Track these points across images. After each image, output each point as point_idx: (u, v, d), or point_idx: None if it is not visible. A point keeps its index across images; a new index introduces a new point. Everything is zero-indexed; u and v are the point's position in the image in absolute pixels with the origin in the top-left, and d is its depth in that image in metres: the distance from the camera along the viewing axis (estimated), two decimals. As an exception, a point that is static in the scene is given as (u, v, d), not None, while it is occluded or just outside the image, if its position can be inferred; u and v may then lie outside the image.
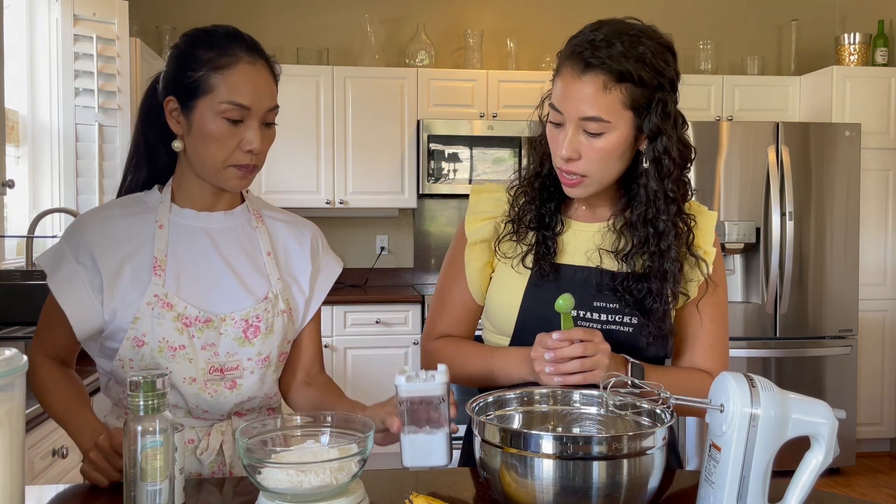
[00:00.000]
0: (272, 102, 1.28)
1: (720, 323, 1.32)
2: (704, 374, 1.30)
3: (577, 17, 4.88)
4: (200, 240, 1.32)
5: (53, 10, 3.15)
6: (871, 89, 4.22)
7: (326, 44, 4.48)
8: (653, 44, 1.18)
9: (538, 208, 1.30)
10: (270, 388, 1.34)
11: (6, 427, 0.88)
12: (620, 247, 1.26)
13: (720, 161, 3.91)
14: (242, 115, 1.23)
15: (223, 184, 1.29)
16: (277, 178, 4.19)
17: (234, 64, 1.23)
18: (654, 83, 1.17)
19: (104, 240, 1.28)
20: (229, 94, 1.22)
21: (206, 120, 1.23)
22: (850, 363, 4.01)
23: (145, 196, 1.35)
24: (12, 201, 3.12)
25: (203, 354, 1.26)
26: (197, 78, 1.23)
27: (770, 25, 4.85)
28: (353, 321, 4.00)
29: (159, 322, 1.23)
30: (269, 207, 1.45)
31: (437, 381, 1.10)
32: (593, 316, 1.26)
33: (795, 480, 0.98)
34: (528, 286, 1.29)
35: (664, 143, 1.19)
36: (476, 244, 1.34)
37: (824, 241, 3.97)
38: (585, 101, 1.16)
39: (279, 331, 1.31)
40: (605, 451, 0.93)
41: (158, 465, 0.98)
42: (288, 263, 1.39)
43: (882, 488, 3.81)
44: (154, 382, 0.99)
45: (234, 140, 1.24)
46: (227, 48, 1.24)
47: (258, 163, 1.28)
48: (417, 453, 1.10)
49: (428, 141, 4.18)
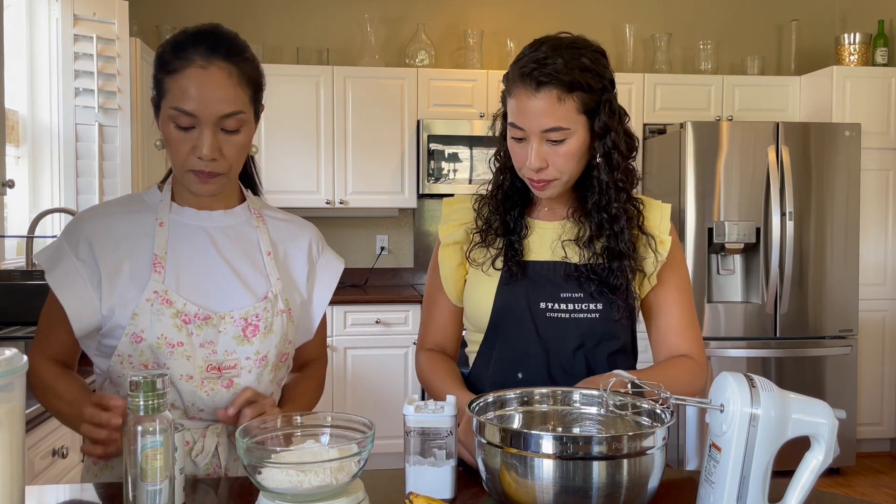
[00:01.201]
0: (229, 108, 1.21)
1: (686, 305, 1.40)
2: (686, 358, 1.37)
3: (576, 17, 4.90)
4: (200, 238, 1.32)
5: (53, 10, 3.15)
6: (871, 89, 4.22)
7: (326, 44, 4.48)
8: (590, 52, 1.29)
9: (503, 217, 1.39)
10: (266, 388, 1.33)
11: (6, 427, 0.88)
12: (580, 234, 1.36)
13: (720, 161, 3.91)
14: (190, 121, 1.20)
15: (189, 188, 1.28)
16: (277, 178, 4.19)
17: (183, 68, 1.20)
18: (598, 87, 1.28)
19: (104, 236, 1.28)
20: (174, 99, 1.20)
21: (163, 123, 1.23)
22: (850, 363, 4.01)
23: (145, 195, 1.35)
24: (12, 201, 3.12)
25: (201, 352, 1.25)
26: (157, 80, 1.24)
27: (770, 25, 4.86)
28: (353, 321, 4.00)
29: (158, 318, 1.23)
30: (270, 207, 1.45)
31: (445, 414, 1.10)
32: (561, 307, 1.35)
33: (795, 480, 0.98)
34: (499, 285, 1.37)
35: (612, 139, 1.30)
36: (449, 245, 1.43)
37: (824, 241, 3.97)
38: (544, 114, 1.26)
39: (278, 330, 1.31)
40: (605, 451, 0.93)
41: (159, 464, 0.98)
42: (287, 264, 1.39)
43: (882, 488, 3.81)
44: (154, 382, 0.99)
45: (187, 145, 1.22)
46: (183, 51, 1.21)
47: (221, 170, 1.24)
48: (421, 484, 1.10)
49: (428, 141, 4.18)
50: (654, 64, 4.59)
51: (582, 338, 1.34)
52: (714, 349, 3.92)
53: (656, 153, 4.32)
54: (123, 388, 1.26)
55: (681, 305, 1.39)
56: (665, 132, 4.31)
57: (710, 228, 3.92)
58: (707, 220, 3.92)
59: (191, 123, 1.20)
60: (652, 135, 4.42)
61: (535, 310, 1.34)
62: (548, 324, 1.34)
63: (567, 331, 1.34)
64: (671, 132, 4.14)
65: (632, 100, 4.40)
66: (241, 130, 1.24)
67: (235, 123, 1.23)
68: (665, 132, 4.31)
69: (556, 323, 1.34)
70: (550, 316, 1.34)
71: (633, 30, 4.58)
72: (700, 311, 3.93)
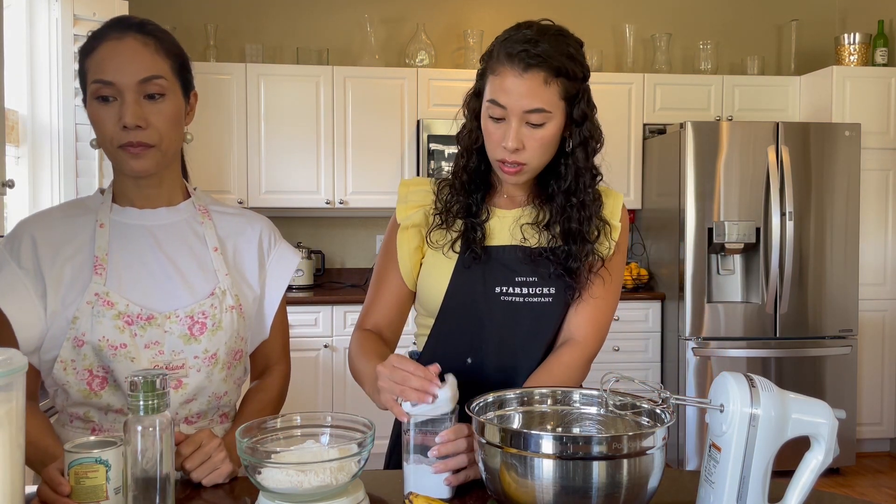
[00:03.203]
0: (148, 72, 1.21)
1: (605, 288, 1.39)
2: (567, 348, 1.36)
3: (576, 17, 4.90)
4: (142, 237, 1.30)
5: (53, 10, 3.15)
6: (871, 89, 4.22)
7: (326, 44, 4.48)
8: (573, 42, 1.32)
9: (465, 199, 1.40)
10: (218, 387, 1.31)
11: (6, 427, 0.88)
12: (541, 218, 1.39)
13: (720, 161, 3.91)
14: (111, 91, 1.20)
15: (123, 168, 1.25)
16: (277, 178, 4.19)
17: (98, 45, 1.22)
18: (580, 76, 1.31)
19: (45, 243, 1.26)
20: (94, 73, 1.21)
21: (89, 106, 1.23)
22: (850, 363, 4.01)
23: (86, 199, 1.34)
24: (12, 201, 3.12)
25: (146, 353, 1.23)
26: (80, 70, 1.25)
27: (770, 25, 4.86)
28: (353, 321, 3.99)
29: (98, 321, 1.21)
30: (218, 203, 1.42)
31: (442, 397, 1.08)
32: (515, 290, 1.37)
33: (795, 480, 0.98)
34: (455, 269, 1.38)
35: (589, 128, 1.34)
36: (407, 229, 1.43)
37: (824, 241, 3.97)
38: (529, 95, 1.27)
39: (228, 327, 1.29)
40: (605, 451, 0.93)
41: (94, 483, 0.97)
42: (236, 259, 1.37)
43: (882, 488, 3.81)
44: (154, 382, 0.99)
45: (112, 120, 1.21)
46: (96, 34, 1.24)
47: (151, 141, 1.22)
48: (420, 485, 1.09)
49: (428, 141, 4.18)
50: (654, 64, 4.59)
51: (534, 322, 1.36)
52: (714, 349, 3.92)
53: (656, 153, 4.32)
54: (70, 394, 1.25)
55: (599, 286, 1.38)
56: (665, 132, 4.31)
57: (710, 228, 3.92)
58: (707, 220, 3.92)
59: (112, 93, 1.21)
60: (652, 135, 4.42)
61: (490, 294, 1.36)
62: (501, 308, 1.36)
63: (520, 315, 1.35)
64: (671, 132, 4.14)
65: (632, 100, 4.40)
66: (165, 98, 1.23)
67: (156, 88, 1.22)
68: (665, 132, 4.31)
69: (510, 307, 1.36)
70: (505, 300, 1.36)
71: (633, 30, 4.58)
72: (700, 311, 3.93)
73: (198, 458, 1.15)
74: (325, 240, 4.60)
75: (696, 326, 3.93)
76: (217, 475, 1.16)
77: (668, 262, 4.17)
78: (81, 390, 1.24)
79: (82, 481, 0.97)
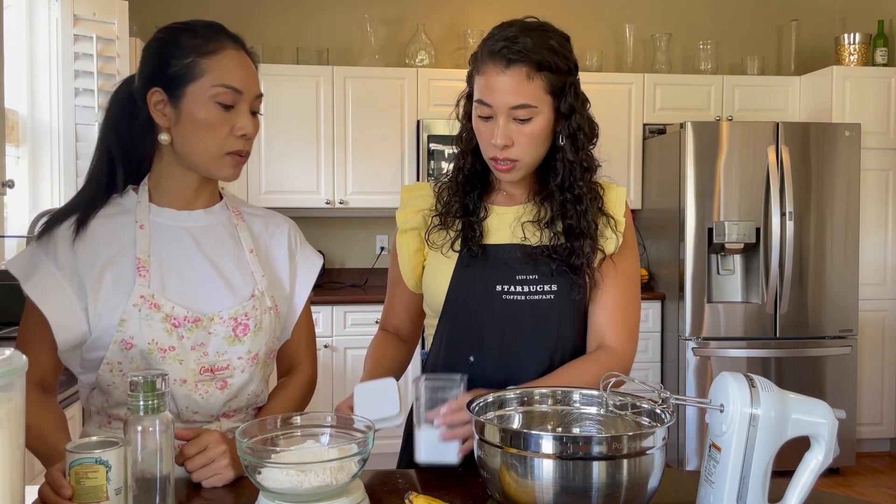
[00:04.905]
0: (259, 90, 1.28)
1: (625, 287, 1.39)
2: (603, 351, 1.37)
3: (576, 17, 4.89)
4: (183, 239, 1.29)
5: (53, 10, 3.15)
6: (871, 89, 4.22)
7: (326, 44, 4.48)
8: (557, 35, 1.32)
9: (462, 199, 1.42)
10: (258, 385, 1.33)
11: (6, 427, 0.88)
12: (542, 216, 1.39)
13: (720, 161, 3.91)
14: (234, 98, 1.23)
15: (217, 173, 1.27)
16: (277, 178, 4.19)
17: (222, 49, 1.24)
18: (565, 69, 1.31)
19: (83, 243, 1.24)
20: (221, 77, 1.22)
21: (196, 107, 1.21)
22: (850, 363, 4.01)
23: (120, 198, 1.31)
24: (12, 201, 3.13)
25: (193, 355, 1.24)
26: (185, 64, 1.22)
27: (770, 25, 4.86)
28: (353, 321, 3.99)
29: (148, 324, 1.21)
30: (246, 204, 1.43)
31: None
32: (517, 289, 1.36)
33: (795, 480, 0.98)
34: (456, 268, 1.39)
35: (577, 121, 1.34)
36: (406, 232, 1.46)
37: (824, 241, 3.97)
38: (512, 91, 1.28)
39: (268, 328, 1.31)
40: (605, 451, 0.93)
41: (94, 484, 0.97)
42: (269, 259, 1.38)
43: (882, 488, 3.81)
44: (154, 382, 0.99)
45: (226, 126, 1.23)
46: (213, 35, 1.25)
47: (249, 150, 1.29)
48: (432, 450, 1.13)
49: (428, 141, 4.18)
50: (654, 64, 4.59)
51: (536, 320, 1.35)
52: (714, 349, 3.92)
53: (656, 153, 4.32)
54: (114, 396, 1.25)
55: (621, 287, 1.39)
56: (665, 132, 4.31)
57: (710, 228, 3.92)
58: (707, 220, 3.92)
59: (234, 101, 1.23)
60: (652, 135, 4.42)
61: (492, 293, 1.36)
62: (502, 307, 1.36)
63: (522, 313, 1.35)
64: (671, 132, 4.14)
65: (632, 100, 4.40)
66: (259, 114, 1.30)
67: (260, 105, 1.29)
68: (665, 132, 4.31)
69: (511, 305, 1.36)
70: (506, 298, 1.36)
71: (633, 30, 4.58)
72: (700, 311, 3.93)
73: (200, 460, 1.16)
74: (325, 240, 4.60)
75: (696, 326, 3.93)
76: (217, 479, 1.16)
77: (668, 262, 4.17)
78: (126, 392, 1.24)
79: (83, 482, 0.97)
